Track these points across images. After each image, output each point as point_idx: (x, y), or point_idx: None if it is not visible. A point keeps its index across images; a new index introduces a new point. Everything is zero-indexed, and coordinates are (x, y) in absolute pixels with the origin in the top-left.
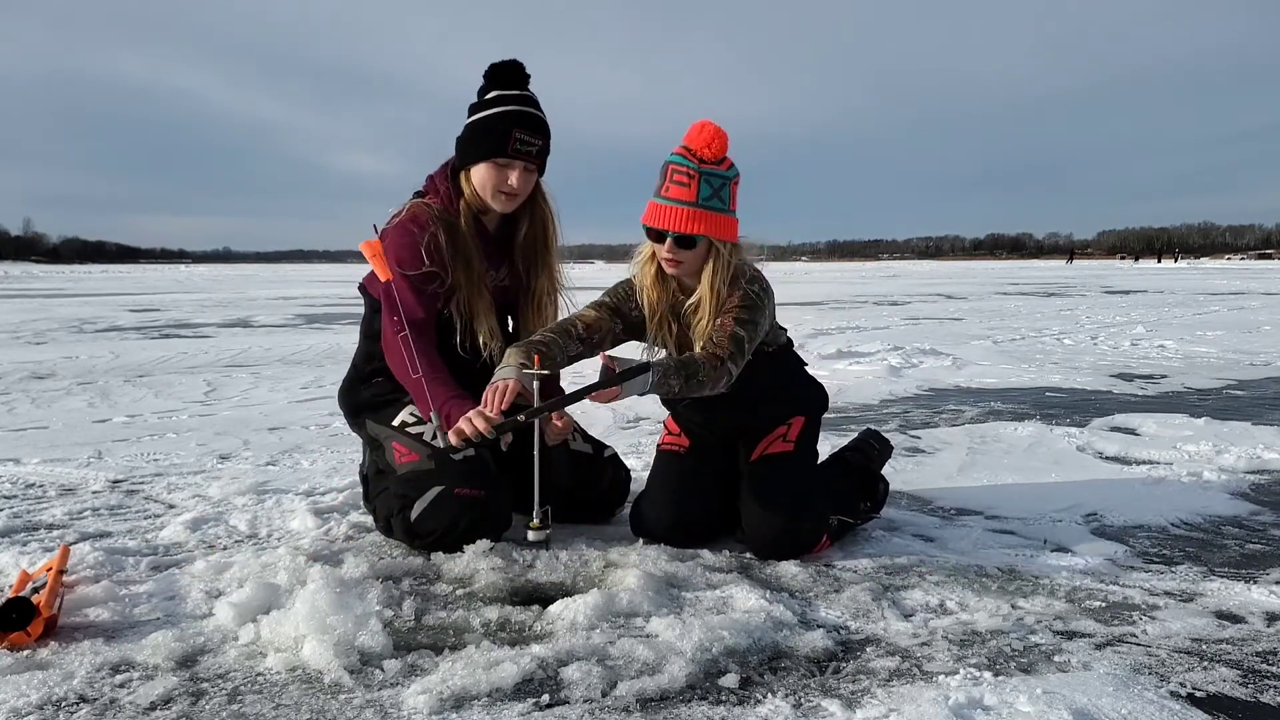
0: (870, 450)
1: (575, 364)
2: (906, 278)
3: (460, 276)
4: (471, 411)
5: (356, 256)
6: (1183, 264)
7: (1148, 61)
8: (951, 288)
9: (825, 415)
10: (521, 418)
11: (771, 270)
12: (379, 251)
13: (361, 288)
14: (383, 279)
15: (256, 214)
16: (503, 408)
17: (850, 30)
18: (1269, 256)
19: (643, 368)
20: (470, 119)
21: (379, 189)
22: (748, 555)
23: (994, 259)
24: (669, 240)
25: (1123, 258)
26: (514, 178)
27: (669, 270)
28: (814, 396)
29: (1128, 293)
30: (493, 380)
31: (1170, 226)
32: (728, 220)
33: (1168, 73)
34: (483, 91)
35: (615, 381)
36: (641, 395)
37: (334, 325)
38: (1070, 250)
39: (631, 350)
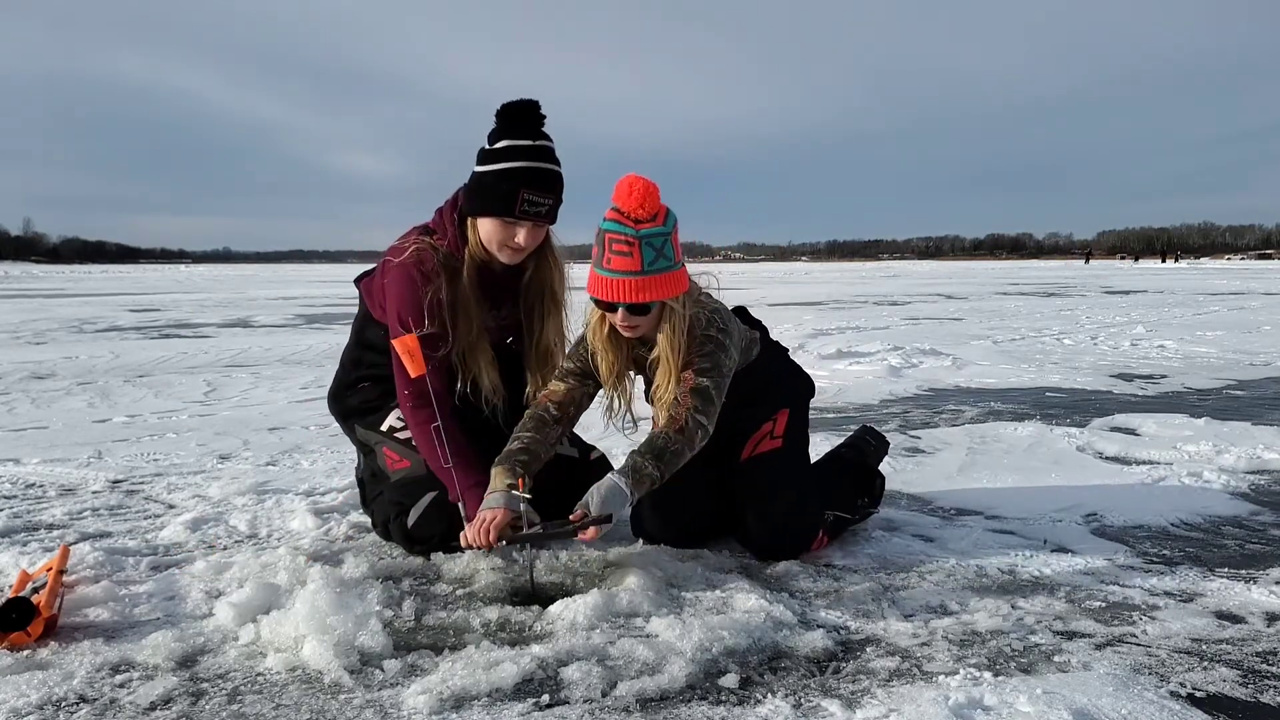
0: (866, 446)
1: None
2: (906, 278)
3: (460, 329)
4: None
5: (356, 256)
6: (1183, 264)
7: (1148, 61)
8: (951, 288)
9: (825, 415)
10: (503, 542)
11: (771, 270)
12: (412, 348)
13: (358, 284)
14: (413, 374)
15: (256, 214)
16: (492, 542)
17: (850, 29)
18: (1269, 256)
19: (616, 497)
20: (478, 168)
21: (379, 189)
22: (748, 555)
23: (994, 259)
24: (621, 310)
25: (1123, 258)
26: (521, 236)
27: (626, 335)
28: (799, 387)
29: (1128, 293)
30: (480, 509)
31: (1170, 226)
32: (676, 276)
33: (1168, 73)
34: (493, 137)
35: (595, 522)
36: (631, 505)
37: (334, 325)
38: (1087, 251)
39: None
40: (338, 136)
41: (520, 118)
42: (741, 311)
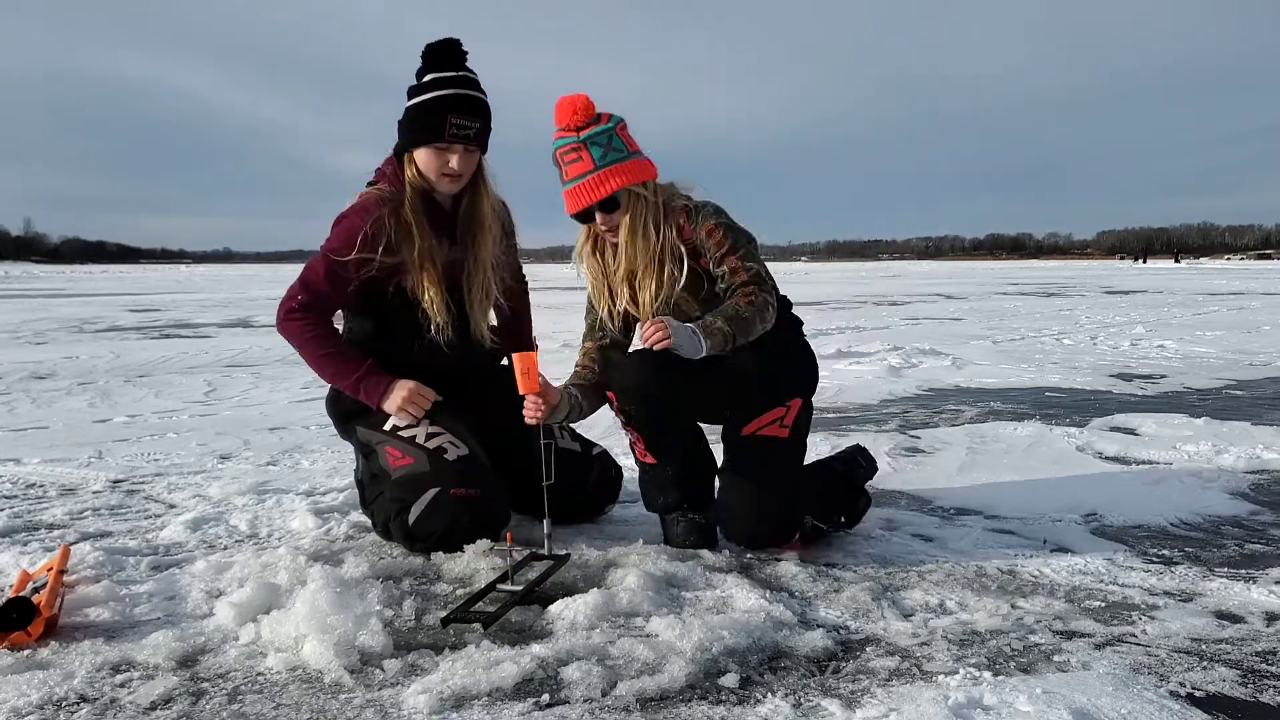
0: (856, 466)
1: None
2: (906, 278)
3: (408, 255)
4: (410, 390)
5: None
6: (1183, 264)
7: (1148, 61)
8: (951, 288)
9: (825, 415)
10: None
11: (770, 270)
12: (531, 366)
13: None
14: (524, 390)
15: (256, 214)
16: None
17: (850, 30)
18: (1269, 257)
19: (688, 337)
20: (409, 103)
21: None
22: (748, 555)
23: (994, 259)
24: (597, 215)
25: (1122, 258)
26: (454, 161)
27: (611, 240)
28: (812, 372)
29: (1128, 293)
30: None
31: (1170, 226)
32: (634, 164)
33: (1168, 73)
34: (420, 74)
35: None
36: (705, 353)
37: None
38: (1143, 250)
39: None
40: (338, 136)
41: (444, 53)
42: None
